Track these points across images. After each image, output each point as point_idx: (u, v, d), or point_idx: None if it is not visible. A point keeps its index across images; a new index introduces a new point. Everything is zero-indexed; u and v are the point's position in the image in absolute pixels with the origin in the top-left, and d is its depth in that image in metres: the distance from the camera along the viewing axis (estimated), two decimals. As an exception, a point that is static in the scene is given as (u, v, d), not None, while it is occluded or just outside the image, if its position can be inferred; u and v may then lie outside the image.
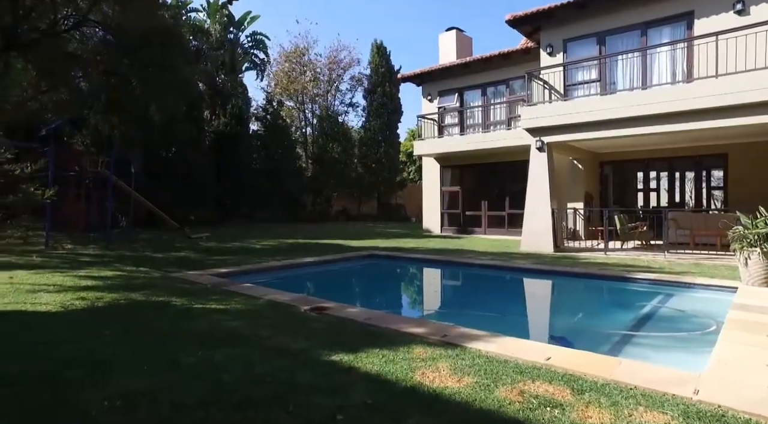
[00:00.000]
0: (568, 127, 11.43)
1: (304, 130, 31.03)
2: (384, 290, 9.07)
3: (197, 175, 19.55)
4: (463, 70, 17.59)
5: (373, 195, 30.23)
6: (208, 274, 7.92)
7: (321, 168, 27.18)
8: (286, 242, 14.24)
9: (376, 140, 28.91)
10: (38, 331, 4.26)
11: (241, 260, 9.88)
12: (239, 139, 22.28)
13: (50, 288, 6.17)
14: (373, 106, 28.79)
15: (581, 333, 5.47)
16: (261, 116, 25.82)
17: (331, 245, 13.53)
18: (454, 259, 10.30)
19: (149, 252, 10.78)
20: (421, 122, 18.51)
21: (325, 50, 41.48)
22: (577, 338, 4.94)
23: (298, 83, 29.30)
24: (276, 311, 5.21)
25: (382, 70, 28.52)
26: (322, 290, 8.88)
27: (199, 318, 4.79)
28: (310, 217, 26.71)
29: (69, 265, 8.33)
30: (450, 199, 18.63)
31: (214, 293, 6.19)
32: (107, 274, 7.51)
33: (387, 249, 12.22)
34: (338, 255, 10.89)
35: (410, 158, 38.77)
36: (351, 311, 5.34)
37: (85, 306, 5.24)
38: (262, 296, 6.06)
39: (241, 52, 26.93)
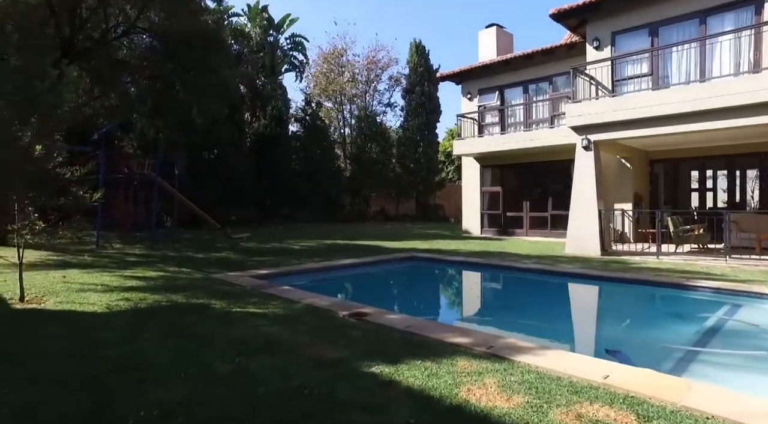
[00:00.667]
0: (617, 125, 10.87)
1: (342, 130, 31.17)
2: (424, 295, 8.85)
3: (238, 177, 19.93)
4: (503, 68, 17.12)
5: (412, 195, 30.02)
6: (247, 275, 7.94)
7: (359, 168, 27.22)
8: (324, 242, 14.25)
9: (414, 140, 28.69)
10: (84, 332, 4.31)
11: (280, 261, 9.90)
12: (278, 140, 22.58)
13: (98, 288, 6.32)
14: (412, 106, 28.59)
15: (639, 347, 5.02)
16: (300, 117, 26.10)
17: (370, 246, 13.43)
18: (496, 262, 9.96)
19: (191, 252, 10.99)
20: (461, 121, 18.16)
21: (363, 51, 41.71)
22: (635, 353, 4.51)
23: (336, 84, 29.44)
24: (314, 316, 5.11)
25: (421, 70, 28.27)
26: (360, 294, 8.77)
27: (238, 323, 4.74)
28: (348, 217, 26.79)
29: (116, 264, 8.56)
30: (490, 199, 18.19)
31: (253, 296, 6.17)
32: (151, 274, 7.65)
33: (426, 251, 12.00)
34: (377, 257, 10.77)
35: (449, 158, 38.32)
36: (390, 317, 5.18)
37: (129, 307, 5.30)
38: (300, 299, 5.98)
39: (281, 54, 27.32)
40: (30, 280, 6.73)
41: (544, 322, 6.22)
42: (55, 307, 5.28)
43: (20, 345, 3.94)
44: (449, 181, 36.43)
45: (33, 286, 6.34)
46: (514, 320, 6.37)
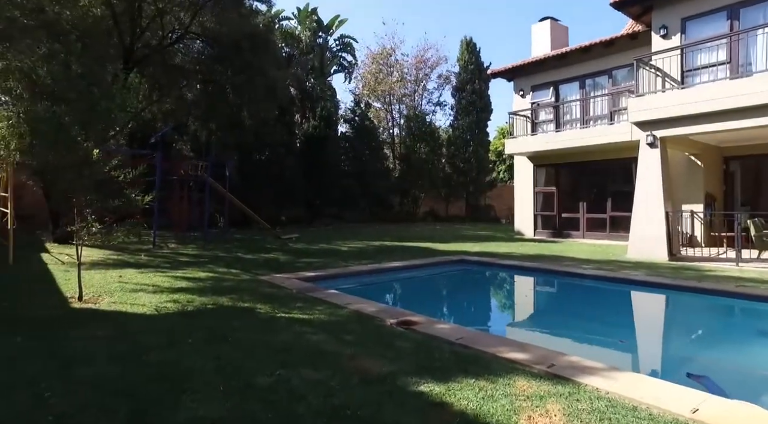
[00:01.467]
0: (687, 119, 10.00)
1: (391, 130, 31.01)
2: (475, 301, 8.41)
3: (288, 177, 20.19)
4: (558, 62, 16.34)
5: (461, 196, 29.44)
6: (294, 278, 7.87)
7: (408, 168, 26.95)
8: (372, 244, 14.09)
9: (464, 139, 28.11)
10: (131, 335, 4.29)
11: (327, 263, 9.80)
12: (327, 141, 22.71)
13: (149, 288, 6.41)
14: (462, 105, 28.02)
15: (730, 373, 4.35)
16: (349, 118, 26.18)
17: (418, 248, 13.13)
18: (552, 267, 9.38)
19: (241, 252, 11.12)
20: (513, 119, 17.50)
21: (412, 50, 41.38)
22: (726, 380, 3.87)
23: (385, 84, 29.32)
24: (360, 324, 4.89)
25: (471, 67, 27.65)
26: (408, 299, 8.48)
27: (282, 329, 4.60)
28: (397, 218, 26.59)
29: (169, 265, 8.74)
30: (544, 200, 17.42)
31: (299, 300, 6.04)
32: (201, 275, 7.73)
33: (477, 254, 11.56)
34: (425, 260, 10.46)
35: (500, 157, 37.34)
36: (441, 327, 4.87)
37: (176, 310, 5.30)
38: (346, 304, 5.79)
39: (330, 55, 27.52)
40: (90, 279, 6.94)
41: (610, 337, 5.65)
42: (108, 307, 5.36)
43: (71, 347, 3.96)
44: (500, 181, 35.49)
45: (92, 285, 6.52)
46: (575, 333, 5.85)
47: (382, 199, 26.01)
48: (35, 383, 3.19)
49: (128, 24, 10.46)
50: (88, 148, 5.38)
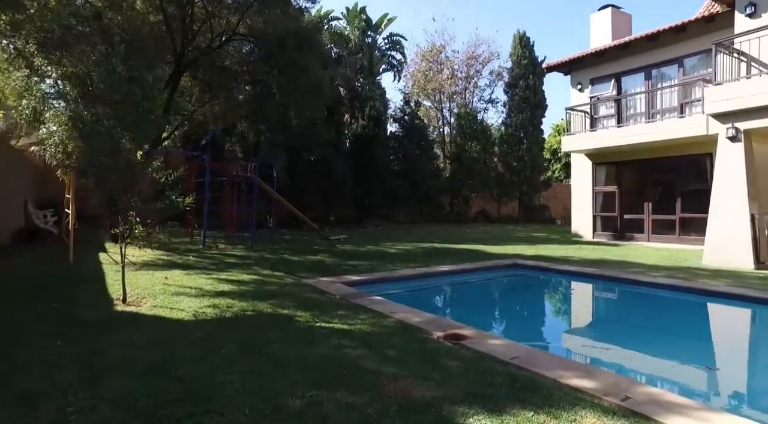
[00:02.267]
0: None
1: (441, 129, 30.39)
2: (530, 312, 7.74)
3: (337, 177, 20.10)
4: (620, 53, 15.22)
5: (514, 195, 28.38)
6: (339, 282, 7.61)
7: (459, 168, 26.25)
8: (420, 246, 13.67)
9: (517, 137, 27.07)
10: (165, 343, 4.13)
11: (374, 266, 9.49)
12: (377, 140, 22.47)
13: (192, 291, 6.32)
14: (515, 101, 27.00)
15: None
16: (398, 117, 25.82)
17: (469, 251, 12.58)
18: (618, 274, 8.57)
19: (288, 254, 11.03)
20: (570, 115, 16.52)
21: (463, 46, 40.53)
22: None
23: (435, 82, 28.74)
24: (404, 337, 4.51)
25: (525, 62, 26.58)
26: (457, 308, 7.98)
27: (320, 341, 4.30)
28: (447, 218, 25.99)
29: (215, 266, 8.73)
30: (604, 200, 16.32)
31: (341, 307, 5.74)
32: (244, 278, 7.62)
33: (532, 258, 10.88)
34: (476, 264, 9.92)
35: (555, 155, 35.84)
36: (493, 342, 4.41)
37: (214, 316, 5.13)
38: (391, 313, 5.43)
39: (379, 54, 27.27)
40: (136, 280, 6.98)
41: (693, 361, 4.90)
42: (149, 311, 5.28)
43: (106, 354, 3.84)
44: (556, 180, 34.04)
45: (137, 287, 6.53)
46: (650, 355, 5.10)
47: (432, 199, 25.47)
48: (63, 395, 3.06)
49: (179, 28, 10.60)
50: (130, 150, 5.32)
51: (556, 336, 6.23)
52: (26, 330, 4.54)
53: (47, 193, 15.44)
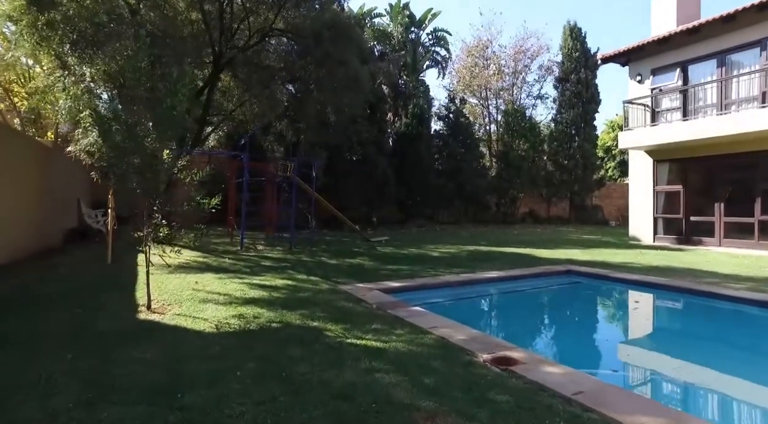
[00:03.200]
0: None
1: (487, 127, 29.37)
2: (591, 331, 6.74)
3: (379, 177, 19.66)
4: (688, 38, 13.89)
5: (565, 195, 27.01)
6: (377, 288, 7.11)
7: (506, 167, 25.20)
8: (466, 249, 12.97)
9: (568, 134, 25.74)
10: (179, 361, 3.76)
11: (415, 271, 8.93)
12: (420, 139, 21.85)
13: (220, 298, 5.99)
14: (566, 96, 25.67)
15: None
16: (443, 115, 25.08)
17: (517, 254, 11.78)
18: (693, 286, 7.55)
19: (326, 257, 10.64)
20: (628, 109, 15.31)
21: (510, 40, 39.14)
22: None
23: (481, 78, 27.77)
24: (445, 359, 3.93)
25: (576, 55, 25.21)
26: (506, 322, 7.19)
27: (348, 363, 3.78)
28: (493, 219, 25.03)
29: (250, 270, 8.43)
30: (667, 200, 15.00)
31: (377, 319, 5.22)
32: (277, 283, 7.24)
33: (588, 264, 9.97)
34: (526, 270, 9.16)
35: (609, 153, 34.01)
36: (550, 370, 3.75)
37: (238, 328, 4.73)
38: (431, 328, 4.86)
39: (423, 50, 26.62)
40: (166, 285, 6.74)
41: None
42: (171, 320, 4.95)
43: (114, 373, 3.50)
44: (610, 179, 32.24)
45: (165, 292, 6.28)
46: (749, 393, 4.19)
47: (478, 199, 24.57)
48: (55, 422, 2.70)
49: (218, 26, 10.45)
50: (154, 149, 5.02)
51: (626, 363, 5.27)
52: (43, 340, 4.29)
53: (100, 193, 15.89)
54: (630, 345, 5.99)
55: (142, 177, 4.88)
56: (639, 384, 4.61)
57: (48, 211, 10.85)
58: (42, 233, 10.55)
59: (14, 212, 8.94)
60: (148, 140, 5.09)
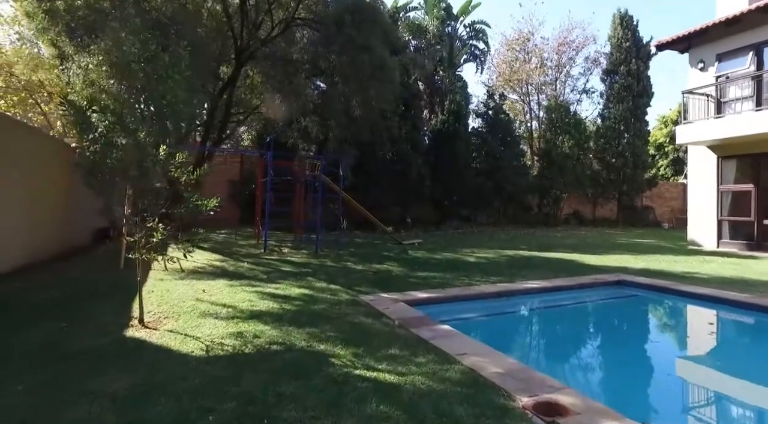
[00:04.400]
0: None
1: (529, 124, 27.98)
2: (659, 362, 5.25)
3: (414, 176, 18.82)
4: (763, 17, 12.33)
5: (612, 196, 25.32)
6: (402, 300, 6.33)
7: (549, 165, 23.80)
8: (505, 253, 11.97)
9: (616, 130, 24.08)
10: (147, 396, 3.11)
11: (447, 279, 8.08)
12: (457, 136, 20.83)
13: (223, 311, 5.36)
14: (614, 90, 24.01)
15: None
16: (481, 112, 23.94)
17: (562, 261, 10.70)
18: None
19: (352, 262, 9.92)
20: (688, 100, 13.84)
21: (553, 32, 37.40)
22: None
23: (521, 72, 26.45)
24: (474, 405, 3.10)
25: (626, 45, 23.51)
26: (550, 347, 6.05)
27: (350, 407, 3.02)
28: (534, 220, 23.70)
29: (266, 276, 7.81)
30: (734, 201, 13.46)
31: (396, 341, 4.44)
32: (292, 292, 6.57)
33: (644, 273, 8.82)
34: (573, 280, 8.13)
35: (661, 150, 31.83)
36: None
37: (231, 351, 4.06)
38: (459, 355, 4.05)
39: (460, 44, 25.54)
40: (171, 293, 6.20)
41: None
42: (159, 338, 4.34)
43: (67, 409, 2.89)
44: (662, 178, 30.11)
45: (167, 301, 5.71)
46: None
47: (518, 199, 23.30)
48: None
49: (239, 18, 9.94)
50: (145, 143, 4.42)
51: (711, 411, 4.02)
52: (6, 362, 3.75)
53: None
54: (715, 386, 4.65)
55: (129, 176, 4.29)
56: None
57: (76, 211, 10.66)
58: (69, 232, 10.38)
59: (40, 212, 8.71)
60: (141, 134, 4.50)
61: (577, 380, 4.03)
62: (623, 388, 4.39)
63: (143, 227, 4.75)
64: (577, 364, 5.23)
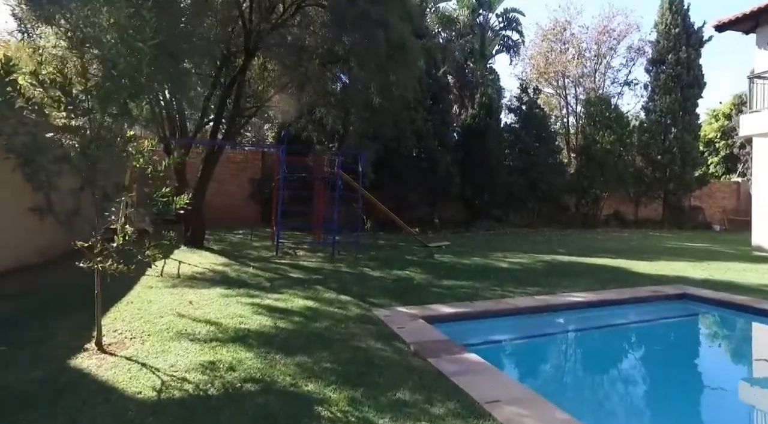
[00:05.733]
0: None
1: (565, 119, 26.36)
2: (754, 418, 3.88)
3: (442, 173, 17.69)
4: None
5: (657, 195, 23.45)
6: (421, 316, 5.34)
7: (587, 163, 22.20)
8: (542, 258, 10.76)
9: (663, 124, 22.26)
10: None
11: (477, 289, 7.01)
12: (489, 132, 19.53)
13: (203, 331, 4.46)
14: (661, 80, 22.19)
15: None
16: (514, 107, 22.53)
17: (607, 268, 9.45)
18: None
19: (370, 267, 8.93)
20: (754, 86, 12.24)
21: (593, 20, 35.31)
22: None
23: (557, 64, 24.87)
24: None
25: (676, 31, 21.66)
26: (609, 387, 4.74)
27: None
28: (571, 221, 22.15)
29: (270, 284, 6.90)
30: (808, 201, 11.81)
31: (408, 379, 3.44)
32: (294, 305, 5.63)
33: (709, 284, 7.50)
34: (624, 291, 6.91)
35: (712, 147, 29.55)
36: None
37: (189, 392, 3.14)
38: (489, 405, 3.01)
39: (492, 34, 24.16)
40: (152, 304, 5.36)
41: None
42: (107, 371, 3.46)
43: None
44: (713, 176, 27.88)
45: (142, 317, 4.86)
46: None
47: (555, 199, 21.78)
48: None
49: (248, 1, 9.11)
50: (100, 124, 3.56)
51: None
52: None
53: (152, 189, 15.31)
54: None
55: (73, 164, 3.42)
56: None
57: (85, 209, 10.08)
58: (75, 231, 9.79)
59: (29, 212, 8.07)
60: (94, 112, 3.63)
61: None
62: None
63: (102, 230, 3.90)
64: (639, 394, 4.06)
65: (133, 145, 3.73)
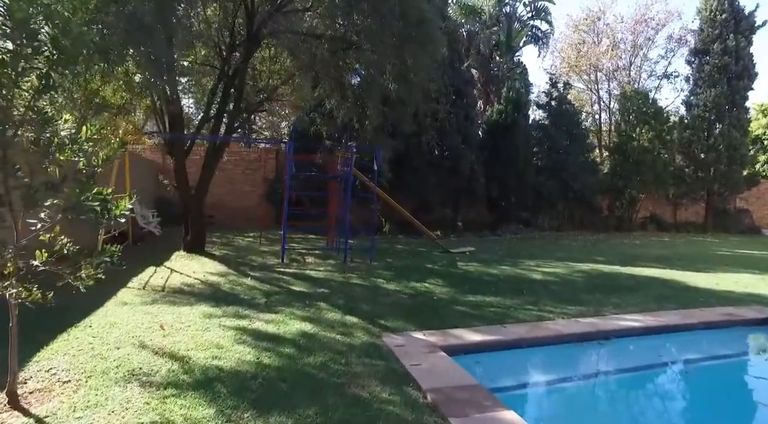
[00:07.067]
0: None
1: (598, 115, 24.82)
2: None
3: (465, 172, 16.52)
4: None
5: (699, 197, 21.72)
6: (441, 346, 4.33)
7: (622, 162, 20.66)
8: (579, 268, 9.54)
9: (706, 120, 20.57)
10: None
11: (508, 307, 5.94)
12: (516, 129, 18.23)
13: (163, 370, 3.50)
14: (704, 72, 20.53)
15: None
16: (543, 103, 21.14)
17: (658, 280, 8.22)
18: None
19: (385, 277, 7.88)
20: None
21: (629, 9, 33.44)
22: None
23: (590, 56, 23.37)
24: None
25: (722, 17, 19.96)
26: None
27: None
28: (605, 224, 20.67)
29: (266, 300, 5.92)
30: None
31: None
32: (288, 330, 4.63)
33: (794, 306, 6.21)
34: (688, 314, 5.70)
35: (759, 143, 27.45)
36: None
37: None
38: None
39: (519, 25, 22.79)
40: (114, 328, 4.43)
41: None
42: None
43: None
44: (763, 176, 25.85)
45: (93, 348, 3.91)
46: None
47: (587, 200, 20.31)
48: None
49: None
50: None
51: None
52: None
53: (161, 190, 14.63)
54: None
55: None
56: None
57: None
58: (73, 233, 9.08)
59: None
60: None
61: None
62: None
63: (21, 243, 2.96)
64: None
65: (55, 129, 2.77)
